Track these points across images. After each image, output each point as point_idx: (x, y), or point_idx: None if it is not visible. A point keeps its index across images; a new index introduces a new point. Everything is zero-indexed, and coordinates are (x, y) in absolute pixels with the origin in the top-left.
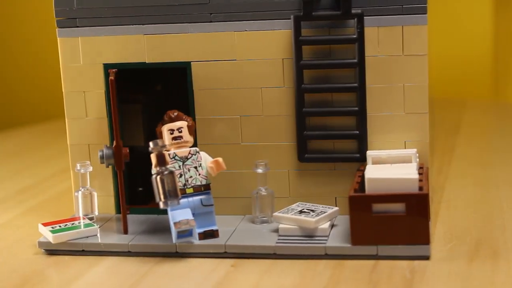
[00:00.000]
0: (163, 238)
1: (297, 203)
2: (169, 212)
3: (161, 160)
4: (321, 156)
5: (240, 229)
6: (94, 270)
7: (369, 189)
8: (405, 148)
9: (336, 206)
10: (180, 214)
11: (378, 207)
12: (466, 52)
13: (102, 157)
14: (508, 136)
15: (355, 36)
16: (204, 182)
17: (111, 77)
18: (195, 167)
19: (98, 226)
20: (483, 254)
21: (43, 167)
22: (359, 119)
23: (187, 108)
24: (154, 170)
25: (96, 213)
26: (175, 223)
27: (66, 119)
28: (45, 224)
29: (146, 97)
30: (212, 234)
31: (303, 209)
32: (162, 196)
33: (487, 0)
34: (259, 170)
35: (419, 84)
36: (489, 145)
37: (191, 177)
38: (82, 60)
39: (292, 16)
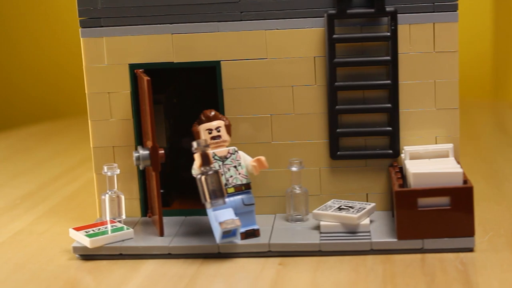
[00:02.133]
0: (202, 239)
1: (332, 200)
2: (211, 212)
3: (206, 160)
4: (353, 153)
5: (278, 227)
6: (140, 274)
7: (414, 184)
8: (435, 143)
9: (367, 202)
10: (224, 214)
11: (423, 201)
12: (466, 52)
13: (138, 159)
14: (509, 135)
15: (388, 34)
16: (244, 181)
17: (148, 78)
18: (235, 166)
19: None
20: None
21: (40, 171)
22: (392, 115)
23: (216, 107)
24: (197, 171)
25: (124, 216)
26: (220, 223)
27: (89, 121)
28: (77, 229)
29: (167, 98)
30: (254, 233)
31: (341, 206)
32: (207, 197)
33: (487, 0)
34: (294, 168)
35: (450, 80)
36: (490, 143)
37: (231, 176)
38: (107, 61)
39: (325, 14)
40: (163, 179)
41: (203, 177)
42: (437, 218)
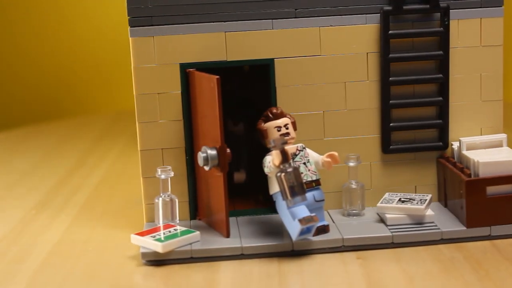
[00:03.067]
0: (272, 237)
1: (387, 193)
2: (285, 210)
3: (285, 157)
4: (405, 147)
5: (339, 223)
6: (223, 276)
7: (483, 173)
8: (481, 134)
9: (415, 193)
10: (300, 211)
11: (491, 189)
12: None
13: (206, 159)
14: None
15: (442, 29)
16: (314, 178)
17: (217, 76)
18: (304, 163)
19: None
20: None
21: (48, 173)
22: (442, 108)
23: (268, 104)
24: (274, 168)
25: (177, 220)
26: (300, 220)
27: (137, 123)
28: (140, 234)
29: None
30: (324, 229)
31: (400, 198)
32: (289, 194)
33: None
34: (351, 163)
35: (495, 73)
36: None
37: (302, 173)
38: (157, 60)
39: (381, 11)
40: None
41: (283, 175)
42: (505, 205)
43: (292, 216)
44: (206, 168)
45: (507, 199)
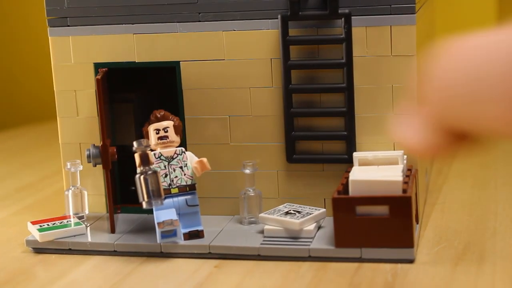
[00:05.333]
0: (149, 238)
1: (285, 204)
2: (154, 212)
3: (145, 160)
4: (309, 157)
5: (227, 229)
6: (79, 269)
7: (353, 191)
8: (394, 149)
9: (324, 207)
10: (164, 214)
11: (362, 209)
12: None
13: (89, 156)
14: None
15: (342, 36)
16: (189, 182)
17: (98, 77)
18: (181, 167)
19: (87, 225)
20: (469, 257)
21: (44, 165)
22: (348, 119)
23: (177, 107)
24: (138, 170)
25: (87, 212)
26: (158, 223)
27: (57, 117)
28: (33, 223)
29: (137, 96)
30: (198, 234)
31: (290, 210)
32: (145, 196)
33: (491, 1)
34: (247, 171)
35: (408, 85)
36: (492, 144)
37: (176, 177)
38: (73, 59)
39: (279, 16)
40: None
41: (142, 177)
42: (375, 227)
43: (155, 218)
44: (93, 165)
45: (378, 221)
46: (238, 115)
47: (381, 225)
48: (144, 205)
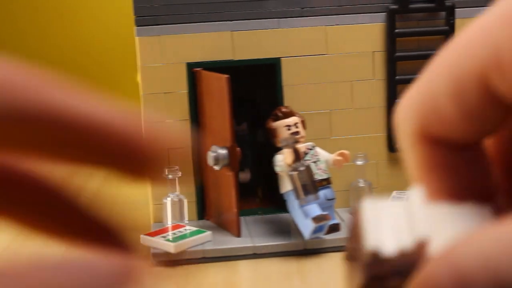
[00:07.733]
0: (282, 236)
1: (395, 192)
2: (296, 209)
3: (297, 156)
4: None
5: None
6: (241, 275)
7: None
8: None
9: None
10: (313, 209)
11: None
12: None
13: (217, 159)
14: None
15: (447, 28)
16: (325, 176)
17: (226, 75)
18: (314, 162)
19: (209, 232)
20: None
21: None
22: None
23: (273, 104)
24: (286, 167)
25: (186, 220)
26: (313, 219)
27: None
28: (150, 235)
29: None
30: (336, 228)
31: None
32: (301, 193)
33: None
34: (359, 162)
35: None
36: None
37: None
38: (163, 60)
39: (387, 9)
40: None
41: (295, 173)
42: None
43: (304, 214)
44: (216, 167)
45: None
46: (339, 109)
47: None
48: (301, 202)
